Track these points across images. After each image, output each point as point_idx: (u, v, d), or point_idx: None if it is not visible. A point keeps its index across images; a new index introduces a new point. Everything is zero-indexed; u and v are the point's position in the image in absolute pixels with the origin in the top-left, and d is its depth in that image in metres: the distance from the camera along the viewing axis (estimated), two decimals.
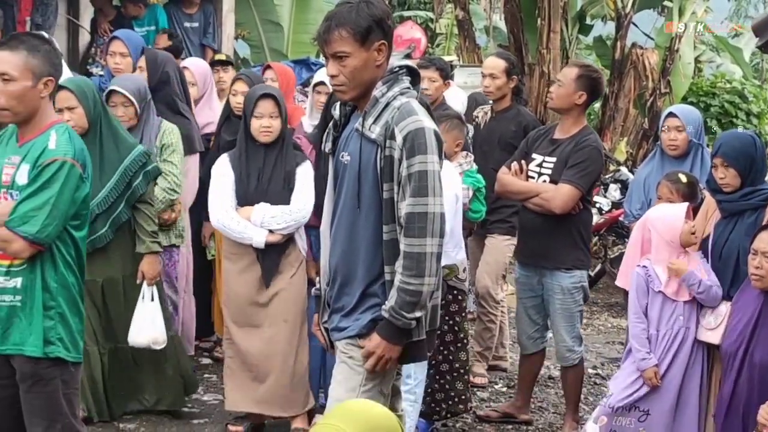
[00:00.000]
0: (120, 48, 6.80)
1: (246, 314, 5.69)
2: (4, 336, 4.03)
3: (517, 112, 7.06)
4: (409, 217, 3.72)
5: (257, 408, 5.72)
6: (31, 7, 10.38)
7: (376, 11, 3.77)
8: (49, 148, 3.96)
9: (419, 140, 3.71)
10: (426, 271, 3.71)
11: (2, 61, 3.94)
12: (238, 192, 5.64)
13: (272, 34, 15.08)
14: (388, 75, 3.85)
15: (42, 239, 3.91)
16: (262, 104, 5.59)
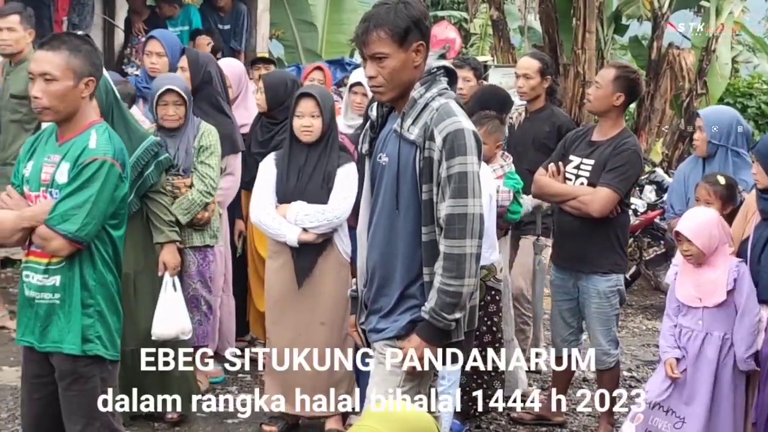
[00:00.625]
0: (157, 48, 6.82)
1: (283, 314, 5.69)
2: (43, 334, 4.07)
3: (551, 112, 7.02)
4: (449, 219, 3.71)
5: (294, 409, 5.71)
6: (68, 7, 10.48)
7: (414, 12, 3.76)
8: (89, 147, 4.00)
9: (459, 141, 3.71)
10: (466, 273, 3.71)
11: (45, 61, 3.99)
12: (278, 190, 5.66)
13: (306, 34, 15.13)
14: (426, 76, 3.84)
15: (81, 237, 3.95)
16: (303, 104, 5.60)
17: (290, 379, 5.65)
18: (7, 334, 7.25)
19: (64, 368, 4.05)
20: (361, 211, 4.12)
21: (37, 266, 4.06)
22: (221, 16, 10.97)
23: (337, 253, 5.67)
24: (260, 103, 6.56)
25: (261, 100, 6.54)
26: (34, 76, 3.99)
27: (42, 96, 3.97)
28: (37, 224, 3.97)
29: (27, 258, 4.13)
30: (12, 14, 7.28)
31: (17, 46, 7.22)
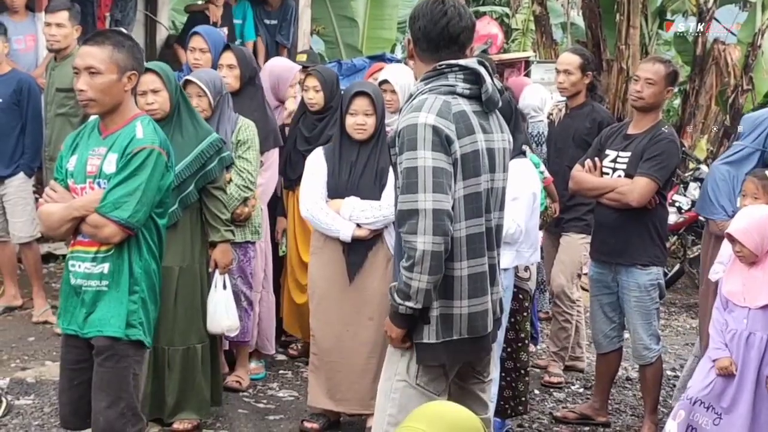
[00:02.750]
0: (200, 44, 6.83)
1: (329, 310, 5.68)
2: (86, 320, 4.15)
3: (591, 108, 6.98)
4: (401, 215, 3.70)
5: (338, 406, 5.72)
6: (110, 3, 10.52)
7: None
8: (137, 137, 4.11)
9: (410, 136, 3.67)
10: (415, 267, 3.64)
11: (90, 55, 4.10)
12: (329, 185, 5.65)
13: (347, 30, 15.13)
14: (430, 72, 3.84)
15: (132, 224, 4.06)
16: (358, 101, 5.60)
17: (336, 376, 5.65)
18: (50, 329, 7.31)
19: (103, 345, 4.13)
20: None
21: (85, 255, 4.14)
22: (268, 11, 10.97)
23: (386, 248, 5.66)
24: (316, 101, 6.53)
25: (317, 98, 6.52)
26: (80, 70, 4.10)
27: (87, 89, 4.08)
28: (88, 213, 4.07)
29: (73, 248, 4.21)
30: (61, 10, 7.35)
31: (65, 41, 7.29)
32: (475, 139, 3.78)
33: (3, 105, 7.56)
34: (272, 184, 6.60)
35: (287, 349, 7.23)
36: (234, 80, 6.42)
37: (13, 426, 5.61)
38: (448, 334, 3.80)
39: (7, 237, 7.81)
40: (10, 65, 7.78)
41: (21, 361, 6.77)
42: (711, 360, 5.17)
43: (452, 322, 3.80)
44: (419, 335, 3.81)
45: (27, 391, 6.13)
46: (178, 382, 5.51)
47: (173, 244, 5.39)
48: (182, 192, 5.38)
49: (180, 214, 5.41)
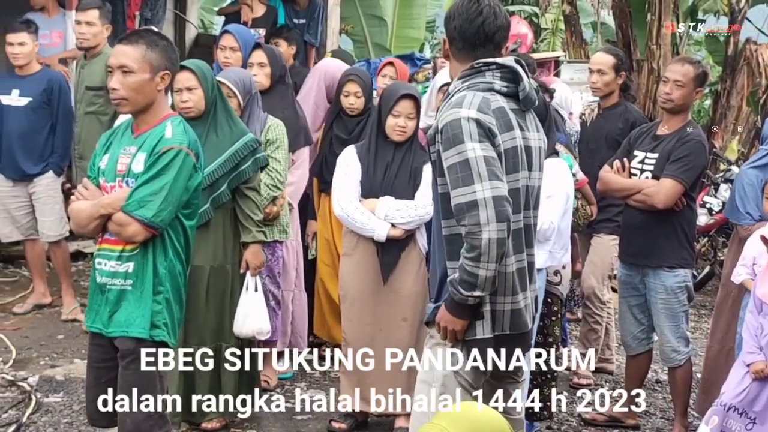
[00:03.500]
0: (231, 42, 6.83)
1: (363, 312, 5.67)
2: (110, 319, 4.15)
3: (624, 108, 6.93)
4: (459, 208, 3.66)
5: (370, 407, 5.70)
6: (140, 2, 10.56)
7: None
8: (165, 137, 4.11)
9: (455, 131, 3.67)
10: (482, 257, 3.62)
11: (123, 54, 4.11)
12: (363, 184, 5.63)
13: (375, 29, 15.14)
14: (467, 70, 3.84)
15: (157, 223, 4.05)
16: (403, 104, 5.57)
17: (368, 377, 5.62)
18: (78, 326, 7.34)
19: (127, 347, 4.12)
20: None
21: (111, 253, 4.15)
22: (296, 10, 10.96)
23: (418, 248, 5.65)
24: (357, 106, 6.50)
25: (359, 103, 6.49)
26: (113, 68, 4.11)
27: (120, 87, 4.09)
28: (114, 211, 4.07)
29: (100, 246, 4.22)
30: (92, 9, 7.38)
31: (95, 40, 7.32)
32: (513, 135, 3.78)
33: (33, 104, 7.61)
34: (303, 183, 6.59)
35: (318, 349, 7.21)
36: (265, 79, 6.42)
37: (42, 423, 5.63)
38: (496, 329, 3.82)
39: (36, 235, 7.86)
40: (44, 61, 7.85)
41: (50, 359, 6.81)
42: (745, 365, 5.11)
43: (498, 318, 3.81)
44: (472, 331, 3.80)
45: (56, 389, 6.16)
46: (208, 383, 5.50)
47: (204, 244, 5.39)
48: (215, 191, 5.38)
49: (212, 213, 5.40)
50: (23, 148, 7.66)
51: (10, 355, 6.79)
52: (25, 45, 7.56)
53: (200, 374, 5.48)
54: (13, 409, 5.81)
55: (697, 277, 9.71)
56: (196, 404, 5.49)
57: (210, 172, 5.34)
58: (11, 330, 7.41)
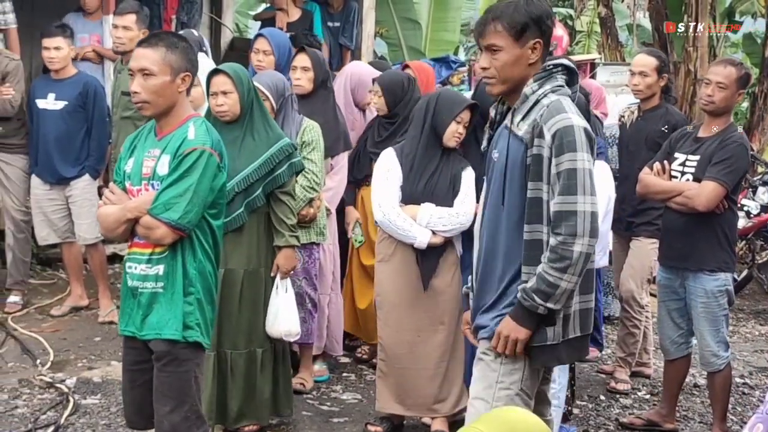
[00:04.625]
0: (264, 46, 6.84)
1: (400, 316, 5.64)
2: (143, 322, 4.15)
3: (665, 111, 6.87)
4: (558, 216, 3.66)
5: (408, 411, 5.69)
6: (176, 6, 10.59)
7: (535, 9, 3.74)
8: (188, 138, 4.09)
9: (568, 138, 3.65)
10: (569, 269, 3.64)
11: (143, 57, 4.10)
12: (404, 189, 5.59)
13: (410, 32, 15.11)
14: (540, 72, 3.78)
15: (183, 225, 4.04)
16: (466, 112, 5.53)
17: (406, 381, 5.62)
18: (115, 329, 7.34)
19: (162, 349, 4.13)
20: (479, 209, 4.09)
21: (141, 257, 4.15)
22: (331, 13, 10.97)
23: (455, 253, 5.63)
24: (379, 107, 6.54)
25: (380, 103, 6.52)
26: (134, 72, 4.11)
27: (141, 90, 4.08)
28: (141, 215, 4.07)
29: (130, 250, 4.22)
30: (129, 13, 7.40)
31: (130, 44, 7.30)
32: None
33: (69, 107, 7.66)
34: (342, 188, 6.59)
35: (354, 352, 7.21)
36: (307, 82, 6.43)
37: (80, 425, 5.66)
38: (567, 333, 3.79)
39: (73, 238, 7.90)
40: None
41: (87, 361, 6.84)
42: None
43: (569, 321, 3.79)
44: (541, 338, 3.76)
45: (94, 391, 6.18)
46: (241, 387, 5.49)
47: (238, 248, 5.39)
48: (249, 196, 5.37)
49: (246, 217, 5.40)
50: (60, 151, 7.71)
51: (48, 357, 6.82)
52: (60, 49, 7.60)
53: (234, 378, 5.48)
54: (52, 411, 5.83)
55: (736, 280, 9.61)
56: (230, 408, 5.49)
57: (245, 176, 5.34)
58: (49, 332, 7.45)
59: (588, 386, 6.98)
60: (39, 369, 6.55)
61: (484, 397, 3.82)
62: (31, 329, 7.47)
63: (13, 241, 7.99)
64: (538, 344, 3.76)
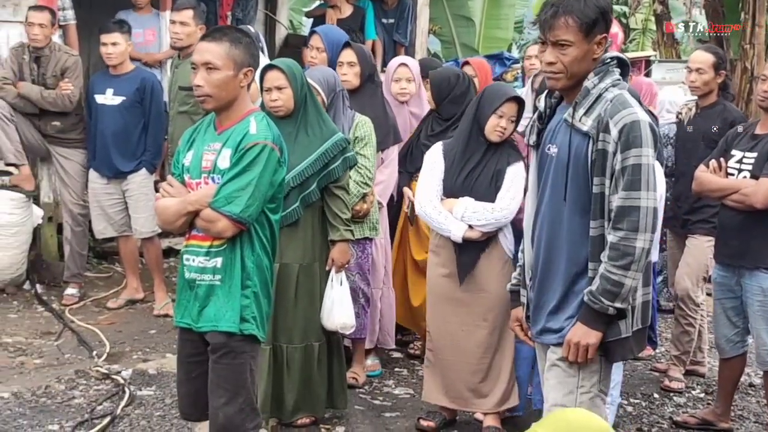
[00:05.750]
0: (317, 43, 6.87)
1: (443, 309, 5.65)
2: (200, 314, 4.17)
3: (723, 108, 6.80)
4: (620, 211, 3.63)
5: (450, 403, 5.70)
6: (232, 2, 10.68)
7: (603, 3, 3.70)
8: (250, 132, 4.10)
9: (635, 133, 3.62)
10: (632, 266, 3.62)
11: (207, 51, 4.11)
12: (445, 183, 5.61)
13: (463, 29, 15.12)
14: (599, 66, 3.75)
15: (244, 219, 4.05)
16: (509, 105, 5.52)
17: (450, 374, 5.63)
18: (170, 321, 7.42)
19: (218, 341, 4.14)
20: (527, 204, 4.05)
21: (199, 249, 4.17)
22: (385, 10, 10.99)
23: (501, 250, 5.58)
24: (430, 100, 6.57)
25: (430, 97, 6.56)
26: (197, 65, 4.12)
27: (204, 84, 4.10)
28: (201, 208, 4.09)
29: (188, 242, 4.24)
30: (187, 9, 7.47)
31: (188, 40, 7.39)
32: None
33: (126, 102, 7.75)
34: (392, 182, 6.60)
35: (406, 347, 7.23)
36: (354, 77, 6.44)
37: (135, 416, 5.71)
38: (633, 325, 3.78)
39: (129, 232, 8.00)
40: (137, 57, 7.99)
41: (143, 353, 6.91)
42: None
43: (634, 313, 3.78)
44: (615, 332, 3.74)
45: (149, 382, 6.25)
46: (297, 381, 5.53)
47: (294, 242, 5.43)
48: (304, 190, 5.40)
49: (301, 212, 5.42)
50: (117, 146, 7.81)
51: (105, 348, 6.91)
52: (117, 45, 7.69)
53: (289, 371, 5.52)
54: (108, 402, 5.90)
55: None
56: (286, 401, 5.53)
57: (300, 171, 5.37)
58: (105, 324, 7.55)
59: (641, 384, 6.94)
60: (95, 360, 6.63)
61: (566, 403, 3.78)
62: (88, 321, 7.58)
63: (70, 234, 8.11)
64: (613, 339, 3.74)
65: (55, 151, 8.03)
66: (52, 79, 7.83)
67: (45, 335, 7.26)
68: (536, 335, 3.97)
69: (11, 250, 7.99)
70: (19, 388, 6.02)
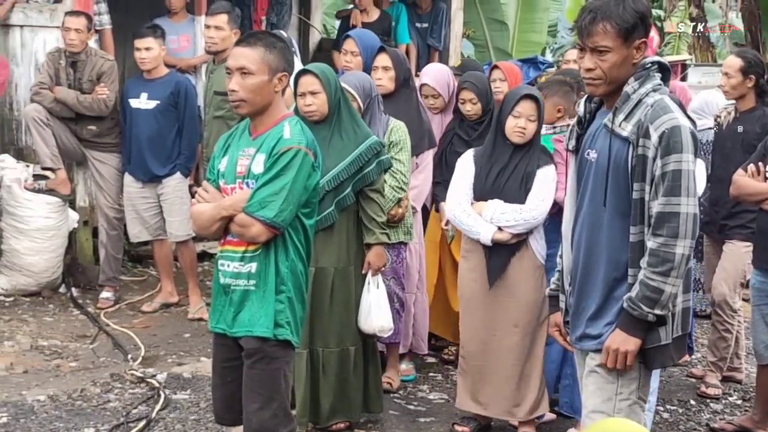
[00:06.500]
0: (352, 47, 6.86)
1: (475, 315, 5.64)
2: (234, 319, 4.17)
3: (762, 113, 6.73)
4: (660, 217, 3.60)
5: (482, 410, 5.68)
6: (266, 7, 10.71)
7: (641, 7, 3.66)
8: (284, 137, 4.09)
9: (675, 138, 3.58)
10: (672, 272, 3.59)
11: (242, 56, 4.11)
12: (475, 187, 5.60)
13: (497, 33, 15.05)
14: (640, 71, 3.72)
15: (278, 223, 4.04)
16: (524, 104, 5.50)
17: (481, 379, 5.61)
18: (204, 325, 7.46)
19: (252, 346, 4.14)
20: (565, 209, 4.02)
21: (234, 254, 4.16)
22: (419, 14, 10.99)
23: (532, 254, 5.56)
24: (474, 112, 6.52)
25: (476, 109, 6.50)
26: (232, 70, 4.12)
27: (238, 89, 4.10)
28: (236, 213, 4.08)
29: (223, 247, 4.24)
30: (221, 13, 7.48)
31: (222, 44, 7.41)
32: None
33: (161, 107, 7.78)
34: (427, 186, 6.58)
35: (440, 352, 7.21)
36: (389, 82, 6.43)
37: (170, 420, 5.73)
38: (673, 332, 3.74)
39: (164, 235, 8.03)
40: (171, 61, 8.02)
41: (177, 357, 6.94)
42: None
43: (674, 320, 3.74)
44: (655, 339, 3.71)
45: (183, 386, 6.26)
46: (333, 385, 5.53)
47: (329, 246, 5.42)
48: (339, 194, 5.40)
49: (336, 216, 5.42)
50: (152, 150, 7.85)
51: (140, 352, 6.94)
52: (151, 50, 7.72)
53: (326, 376, 5.51)
54: (143, 405, 5.92)
55: None
56: (322, 406, 5.53)
57: (334, 175, 5.37)
58: (140, 328, 7.59)
59: (678, 390, 6.89)
60: (130, 364, 6.66)
61: (604, 410, 3.74)
62: (123, 325, 7.62)
63: (106, 238, 8.16)
64: (653, 345, 3.71)
65: (91, 155, 8.08)
66: (88, 84, 7.88)
67: (80, 338, 7.30)
68: (575, 341, 3.94)
69: (47, 254, 8.06)
70: (55, 391, 6.05)
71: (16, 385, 6.22)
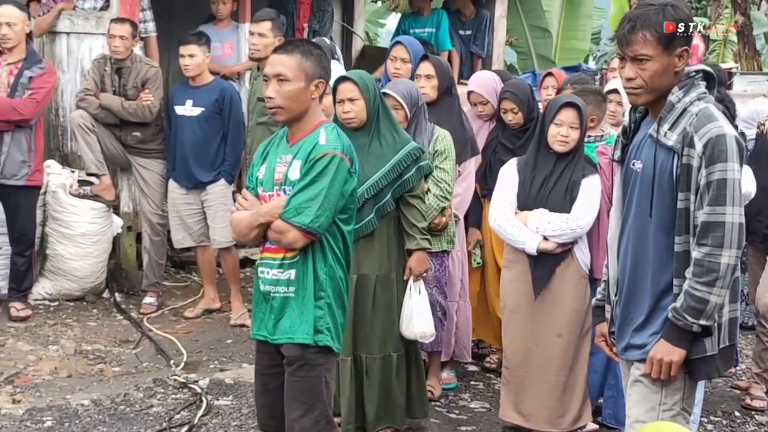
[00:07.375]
0: (402, 53, 6.84)
1: (518, 325, 5.61)
2: (275, 326, 4.19)
3: None
4: (705, 226, 3.57)
5: (525, 422, 5.64)
6: (309, 14, 10.73)
7: (682, 15, 3.63)
8: (319, 143, 4.11)
9: (720, 147, 3.55)
10: (717, 282, 3.56)
11: (279, 63, 4.14)
12: (519, 196, 5.58)
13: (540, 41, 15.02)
14: (684, 79, 3.69)
15: (315, 229, 4.05)
16: (565, 112, 5.48)
17: (524, 390, 5.59)
18: (246, 331, 7.48)
19: (293, 354, 4.15)
20: (611, 219, 4.00)
21: (273, 262, 4.18)
22: (462, 22, 10.98)
23: (577, 264, 5.53)
24: (516, 121, 6.52)
25: (517, 118, 6.51)
26: (269, 77, 4.15)
27: (275, 96, 4.12)
28: (273, 219, 4.10)
29: (262, 255, 4.26)
30: (265, 21, 7.50)
31: (265, 51, 7.40)
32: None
33: (205, 113, 7.82)
34: (469, 194, 6.56)
35: (482, 360, 7.19)
36: (432, 90, 6.42)
37: (212, 425, 5.75)
38: (719, 343, 3.71)
39: (207, 242, 8.07)
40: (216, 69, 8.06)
41: (219, 363, 6.96)
42: None
43: (721, 330, 3.71)
44: (700, 350, 3.68)
45: (225, 392, 6.28)
46: (377, 391, 5.53)
47: (370, 253, 5.43)
48: (379, 201, 5.40)
49: (377, 223, 5.42)
50: (196, 156, 7.89)
51: (182, 357, 6.98)
52: (195, 57, 7.76)
53: (370, 382, 5.52)
54: (185, 411, 5.95)
55: None
56: (367, 412, 5.53)
57: (374, 182, 5.37)
58: (183, 333, 7.63)
59: (722, 402, 6.81)
60: (173, 369, 6.70)
61: (648, 420, 3.72)
62: (165, 330, 7.67)
63: (149, 243, 8.21)
64: (698, 356, 3.68)
65: (136, 161, 8.13)
66: (133, 90, 7.94)
67: (123, 343, 7.35)
68: (621, 351, 3.92)
69: (91, 259, 8.13)
70: (99, 396, 6.10)
71: (60, 389, 6.28)
